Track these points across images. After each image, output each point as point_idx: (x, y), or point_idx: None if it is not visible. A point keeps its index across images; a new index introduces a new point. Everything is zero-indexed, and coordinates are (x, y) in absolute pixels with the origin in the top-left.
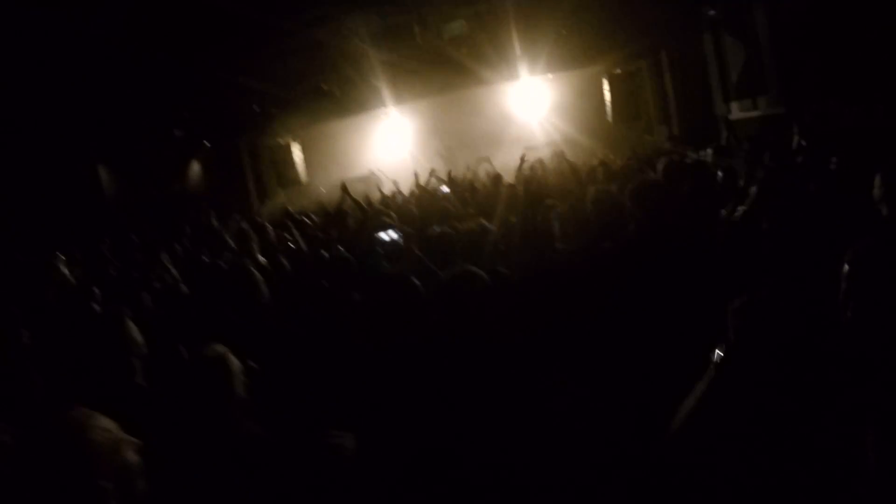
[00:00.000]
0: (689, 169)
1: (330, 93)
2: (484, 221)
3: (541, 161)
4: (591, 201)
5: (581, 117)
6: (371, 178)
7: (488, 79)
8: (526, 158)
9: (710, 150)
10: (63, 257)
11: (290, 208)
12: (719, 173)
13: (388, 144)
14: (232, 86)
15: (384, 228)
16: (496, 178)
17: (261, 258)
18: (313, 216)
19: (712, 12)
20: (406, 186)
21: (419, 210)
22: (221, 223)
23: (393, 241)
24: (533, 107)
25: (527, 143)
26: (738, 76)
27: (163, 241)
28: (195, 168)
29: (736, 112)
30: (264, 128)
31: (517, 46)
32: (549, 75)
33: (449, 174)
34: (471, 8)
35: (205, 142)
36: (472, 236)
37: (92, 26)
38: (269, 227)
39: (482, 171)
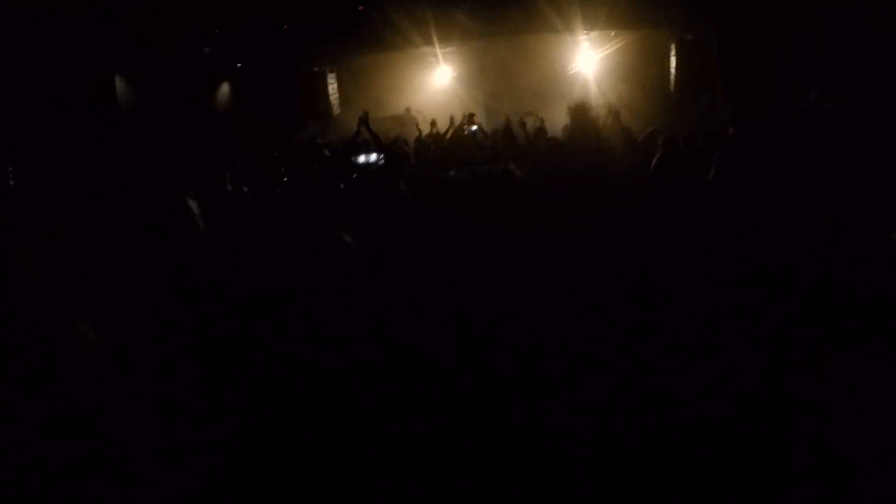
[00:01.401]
0: None
1: (369, 20)
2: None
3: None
4: None
5: (644, 83)
6: (408, 117)
7: (543, 25)
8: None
9: None
10: None
11: (319, 140)
12: None
13: (429, 85)
14: (266, 4)
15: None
16: (538, 132)
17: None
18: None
19: None
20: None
21: (443, 152)
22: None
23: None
24: (591, 65)
25: (577, 102)
26: (825, 59)
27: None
28: (224, 90)
29: (813, 101)
30: (299, 53)
31: None
32: (612, 32)
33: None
34: None
35: (237, 63)
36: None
37: None
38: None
39: (529, 124)
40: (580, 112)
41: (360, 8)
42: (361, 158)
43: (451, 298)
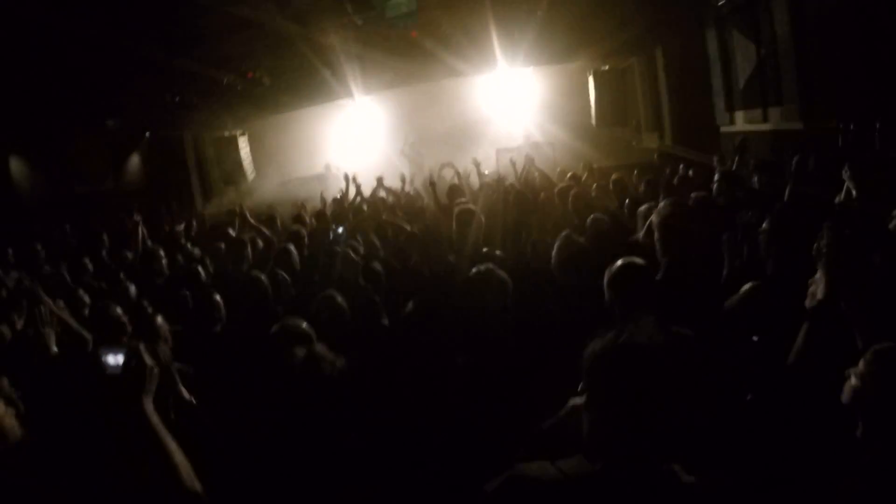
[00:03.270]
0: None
1: (271, 81)
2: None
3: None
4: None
5: (563, 117)
6: (328, 175)
7: (453, 68)
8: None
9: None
10: None
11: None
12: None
13: (346, 138)
14: (172, 71)
15: None
16: (452, 191)
17: None
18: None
19: (720, 2)
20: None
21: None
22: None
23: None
24: (509, 102)
25: (501, 143)
26: (747, 81)
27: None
28: (133, 162)
29: (741, 123)
30: (209, 118)
31: (492, 32)
32: (528, 68)
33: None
34: None
35: (146, 133)
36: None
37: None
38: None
39: (447, 176)
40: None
41: (249, 75)
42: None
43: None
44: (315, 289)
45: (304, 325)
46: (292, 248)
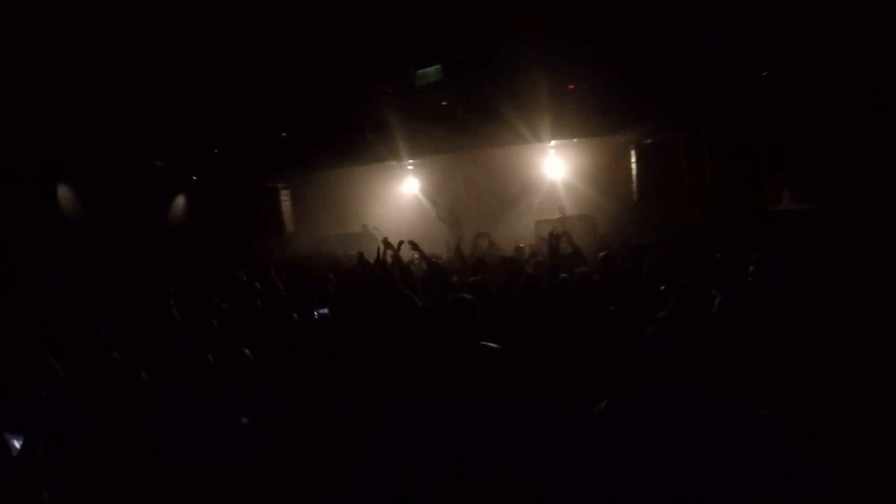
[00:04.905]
0: None
1: (308, 140)
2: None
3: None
4: None
5: (607, 189)
6: (365, 234)
7: (510, 139)
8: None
9: None
10: None
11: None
12: None
13: (389, 199)
14: (219, 122)
15: None
16: (477, 265)
17: None
18: None
19: (765, 73)
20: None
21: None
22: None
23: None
24: (551, 173)
25: (542, 214)
26: (794, 157)
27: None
28: (179, 202)
29: (787, 202)
30: (253, 169)
31: (528, 105)
32: (574, 140)
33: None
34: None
35: (193, 177)
36: None
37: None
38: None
39: (482, 245)
40: None
41: (283, 136)
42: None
43: None
44: None
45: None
46: None
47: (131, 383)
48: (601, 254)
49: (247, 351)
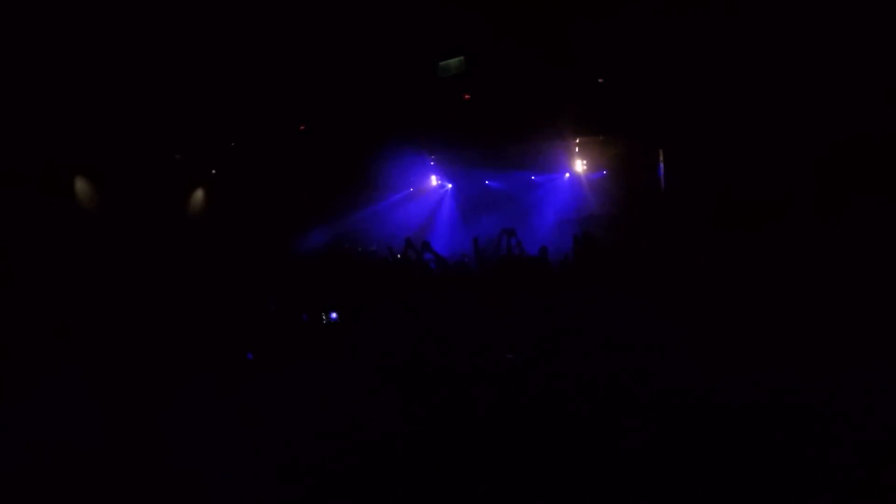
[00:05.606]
0: None
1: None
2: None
3: None
4: None
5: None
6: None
7: (511, 133)
8: None
9: None
10: None
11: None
12: None
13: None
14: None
15: None
16: (499, 264)
17: None
18: None
19: None
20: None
21: None
22: None
23: None
24: (574, 172)
25: (565, 213)
26: None
27: None
28: (198, 196)
29: None
30: (274, 165)
31: (553, 98)
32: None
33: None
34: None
35: (212, 170)
36: None
37: None
38: None
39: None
40: None
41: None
42: None
43: None
44: None
45: None
46: None
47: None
48: None
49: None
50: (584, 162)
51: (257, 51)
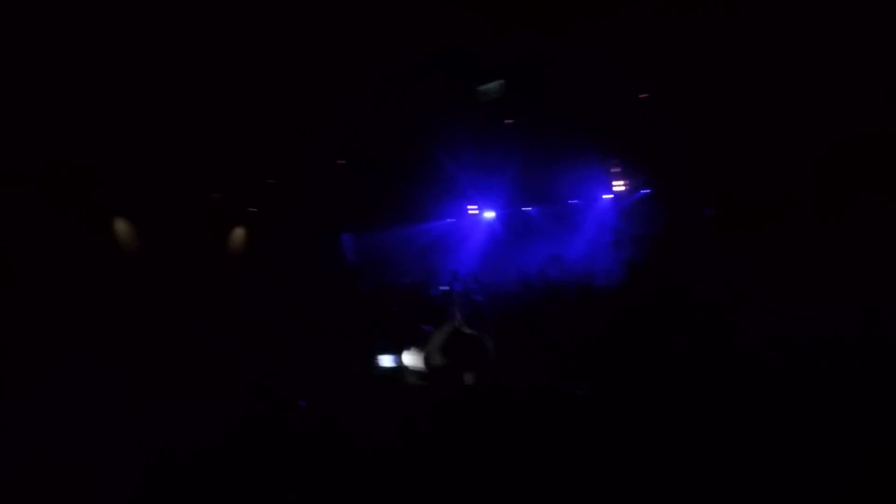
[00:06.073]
0: None
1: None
2: None
3: None
4: None
5: None
6: None
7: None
8: None
9: None
10: None
11: None
12: None
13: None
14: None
15: None
16: None
17: None
18: None
19: None
20: None
21: None
22: None
23: None
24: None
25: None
26: None
27: None
28: (238, 234)
29: None
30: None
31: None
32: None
33: None
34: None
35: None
36: None
37: None
38: None
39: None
40: None
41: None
42: None
43: None
44: None
45: None
46: None
47: None
48: None
49: None
50: (625, 182)
51: (293, 85)
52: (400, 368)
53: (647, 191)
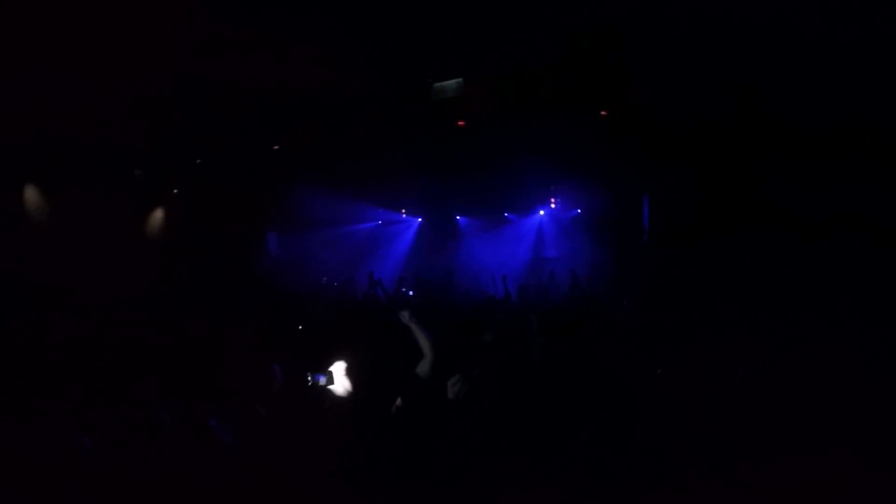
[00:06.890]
0: None
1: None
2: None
3: None
4: None
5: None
6: None
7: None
8: None
9: None
10: None
11: None
12: None
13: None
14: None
15: None
16: None
17: None
18: None
19: None
20: None
21: None
22: None
23: None
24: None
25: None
26: None
27: None
28: (157, 215)
29: None
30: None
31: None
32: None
33: None
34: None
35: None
36: None
37: None
38: None
39: None
40: None
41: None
42: None
43: None
44: None
45: None
46: None
47: None
48: None
49: None
50: (555, 201)
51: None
52: (328, 378)
53: (578, 211)
